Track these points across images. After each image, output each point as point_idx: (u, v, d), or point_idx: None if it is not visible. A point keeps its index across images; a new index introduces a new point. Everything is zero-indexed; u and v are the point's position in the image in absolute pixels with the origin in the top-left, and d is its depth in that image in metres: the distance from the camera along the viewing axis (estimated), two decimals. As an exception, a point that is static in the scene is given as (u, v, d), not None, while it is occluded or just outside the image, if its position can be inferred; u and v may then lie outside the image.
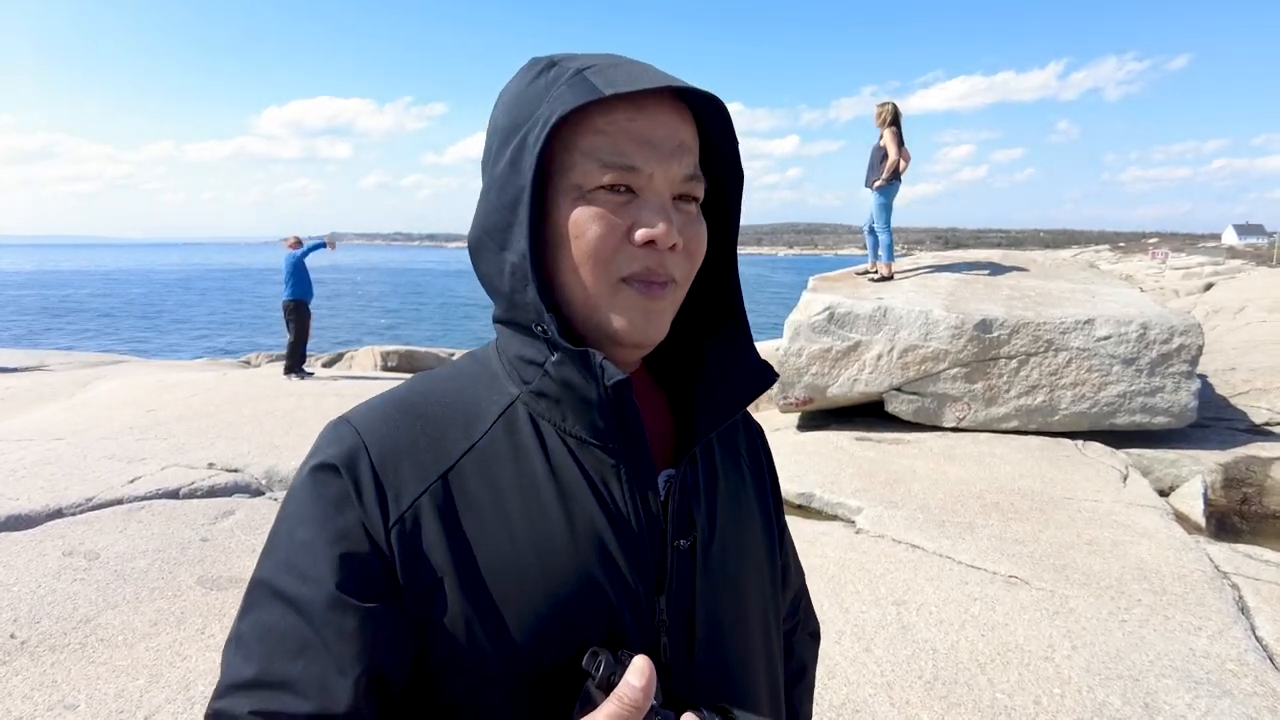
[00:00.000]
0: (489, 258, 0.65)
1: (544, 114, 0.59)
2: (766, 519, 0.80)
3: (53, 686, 2.60)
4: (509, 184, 0.61)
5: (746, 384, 0.71)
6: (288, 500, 0.62)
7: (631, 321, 0.62)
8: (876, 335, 6.05)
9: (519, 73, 0.65)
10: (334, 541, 0.58)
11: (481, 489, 0.62)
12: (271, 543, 0.61)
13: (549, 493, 0.63)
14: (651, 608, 0.64)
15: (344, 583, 0.57)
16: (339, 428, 0.64)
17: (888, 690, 2.60)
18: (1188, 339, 5.57)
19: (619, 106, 0.59)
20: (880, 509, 4.28)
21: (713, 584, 0.69)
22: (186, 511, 4.18)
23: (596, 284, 0.61)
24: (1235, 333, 9.35)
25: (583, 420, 0.64)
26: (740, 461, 0.80)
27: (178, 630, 2.99)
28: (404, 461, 0.61)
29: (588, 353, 0.60)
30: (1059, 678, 2.65)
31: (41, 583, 3.32)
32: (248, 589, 0.61)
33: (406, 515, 0.59)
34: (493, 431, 0.64)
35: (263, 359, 14.78)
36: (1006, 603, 3.19)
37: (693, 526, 0.68)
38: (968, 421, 5.89)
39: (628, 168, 0.59)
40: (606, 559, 0.63)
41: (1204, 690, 2.57)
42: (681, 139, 0.62)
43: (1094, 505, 4.32)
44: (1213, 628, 2.97)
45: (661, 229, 0.60)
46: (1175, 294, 14.94)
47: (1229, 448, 5.40)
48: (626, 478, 0.64)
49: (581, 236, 0.60)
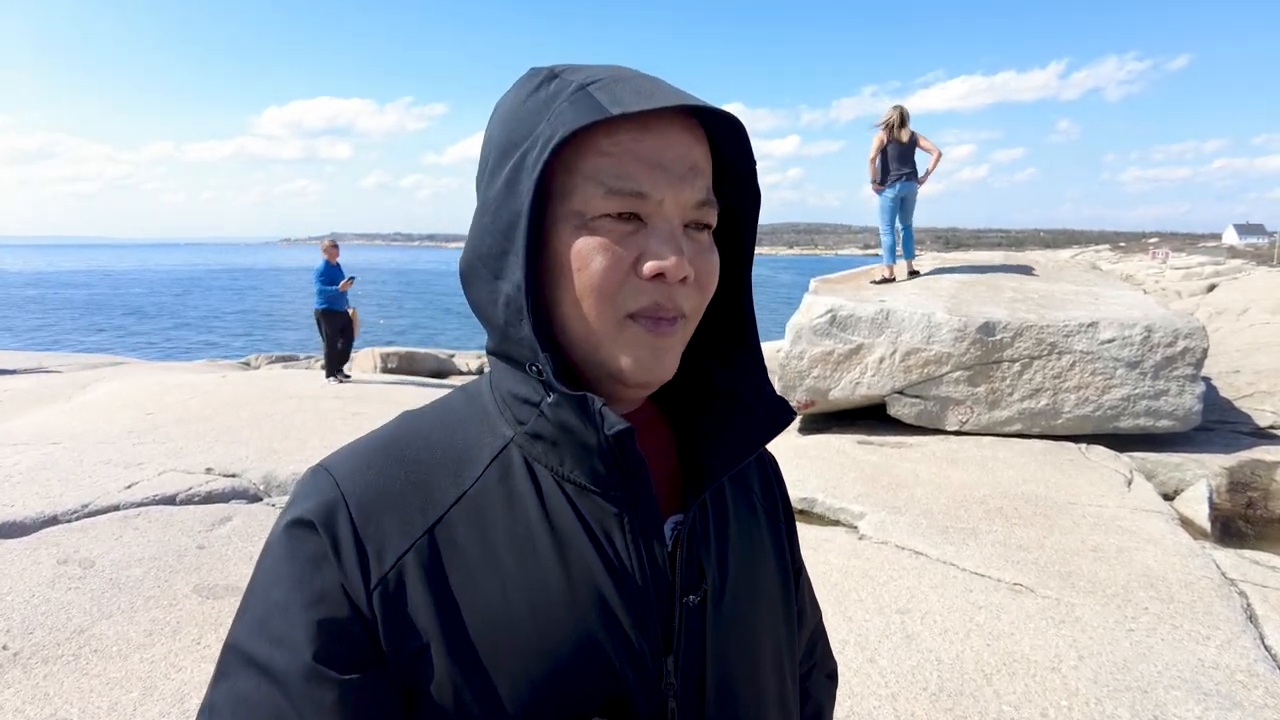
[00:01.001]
0: (481, 286, 0.60)
1: (544, 133, 0.54)
2: (781, 560, 0.75)
3: (45, 700, 2.57)
4: (504, 207, 0.56)
5: (761, 423, 0.65)
6: (263, 555, 0.58)
7: (638, 361, 0.57)
8: (879, 338, 6.02)
9: (517, 84, 0.60)
10: (311, 605, 0.54)
11: (472, 542, 0.57)
12: (246, 602, 0.57)
13: (545, 545, 0.58)
14: (658, 669, 0.59)
15: (322, 651, 0.53)
16: (317, 477, 0.59)
17: (892, 702, 2.57)
18: (1192, 341, 5.53)
19: (625, 126, 0.54)
20: (883, 514, 4.24)
21: (725, 640, 0.64)
22: (184, 518, 4.15)
23: (600, 320, 0.56)
24: (1239, 334, 9.32)
25: (582, 466, 0.59)
26: (753, 498, 0.74)
27: (173, 641, 2.96)
28: (387, 515, 0.56)
29: (586, 398, 0.55)
30: (1066, 689, 2.62)
31: (35, 592, 3.28)
32: (222, 652, 0.56)
33: (390, 575, 0.55)
34: (485, 478, 0.59)
35: (263, 360, 14.75)
36: (1012, 611, 3.15)
37: (702, 578, 0.63)
38: (970, 425, 5.85)
39: (635, 194, 0.54)
40: (608, 617, 0.58)
41: (1214, 702, 2.53)
42: (694, 161, 0.57)
43: (1098, 510, 4.28)
44: (1221, 637, 2.94)
45: (672, 261, 0.54)
46: (1177, 295, 14.91)
47: (1233, 451, 5.36)
48: (630, 527, 0.59)
49: (584, 269, 0.55)
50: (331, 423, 6.19)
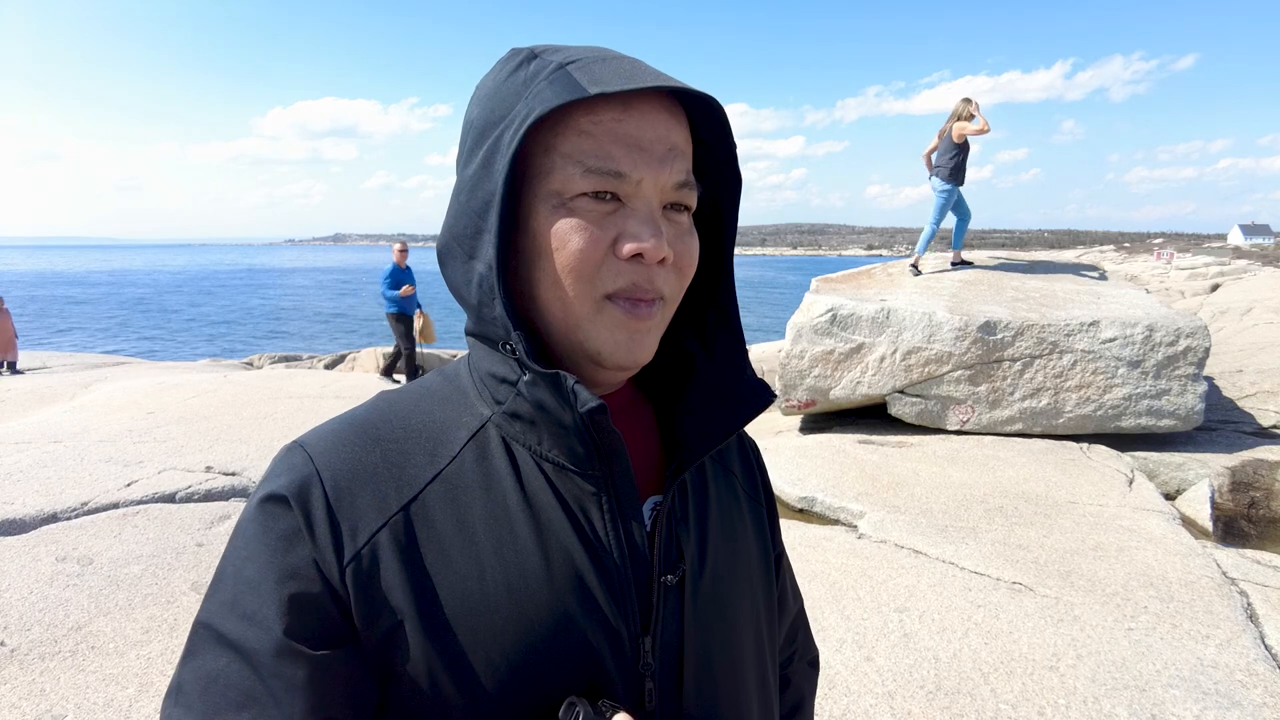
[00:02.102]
0: (457, 266, 0.60)
1: (521, 112, 0.53)
2: (762, 544, 0.75)
3: (41, 696, 2.57)
4: (479, 187, 0.56)
5: (741, 405, 0.65)
6: (236, 533, 0.57)
7: (615, 343, 0.57)
8: (879, 337, 6.00)
9: (497, 64, 0.59)
10: (282, 581, 0.53)
11: (448, 521, 0.57)
12: (217, 579, 0.56)
13: (523, 524, 0.57)
14: (636, 650, 0.59)
15: (293, 628, 0.52)
16: (291, 454, 0.58)
17: (889, 700, 2.56)
18: (1194, 341, 5.51)
19: (605, 106, 0.54)
20: (883, 513, 4.23)
21: (703, 621, 0.63)
22: (182, 516, 4.15)
23: (578, 301, 0.56)
24: (1242, 334, 9.28)
25: (560, 445, 0.58)
26: (734, 482, 0.74)
27: (170, 638, 2.96)
28: (362, 491, 0.56)
29: (558, 376, 0.55)
30: (1064, 688, 2.60)
31: (34, 589, 3.28)
32: (192, 630, 0.56)
33: (364, 551, 0.54)
34: (461, 456, 0.59)
35: (265, 360, 14.78)
36: (1010, 610, 3.14)
37: (681, 559, 0.63)
38: (971, 424, 5.84)
39: (613, 173, 0.54)
40: (586, 597, 0.57)
41: (1212, 701, 2.52)
42: (674, 142, 0.56)
43: (1099, 509, 4.27)
44: (1221, 636, 2.92)
45: (650, 242, 0.54)
46: (1181, 295, 14.86)
47: (1236, 451, 5.34)
48: (608, 507, 0.59)
49: (562, 249, 0.54)
50: (332, 422, 6.20)
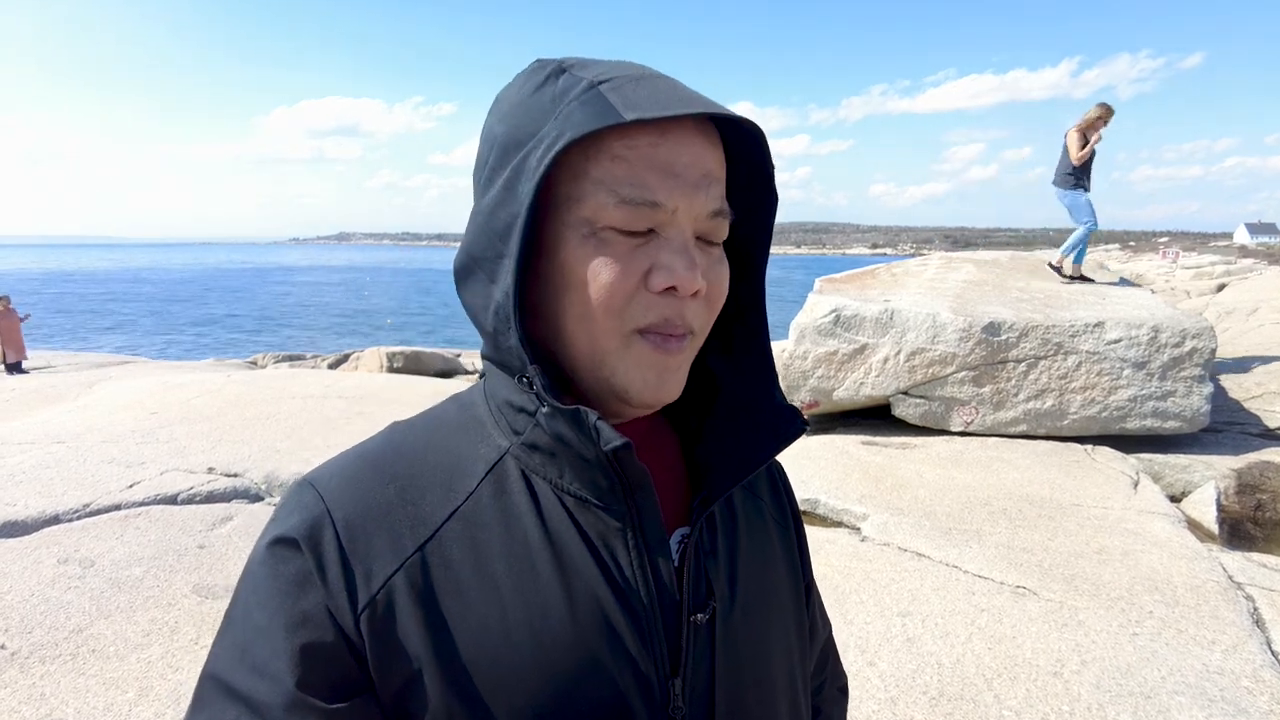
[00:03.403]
0: (476, 289, 0.57)
1: (550, 134, 0.50)
2: (792, 573, 0.71)
3: (41, 699, 2.56)
4: (502, 209, 0.53)
5: (771, 433, 0.61)
6: (244, 576, 0.54)
7: (644, 380, 0.54)
8: (883, 338, 5.98)
9: (521, 76, 0.56)
10: (293, 629, 0.50)
11: (466, 561, 0.54)
12: (226, 626, 0.54)
13: (545, 562, 0.55)
14: (665, 693, 0.56)
15: (305, 679, 0.50)
16: (301, 492, 0.56)
17: (891, 706, 2.54)
18: (1200, 342, 5.47)
19: (640, 130, 0.51)
20: (886, 516, 4.21)
21: (734, 660, 0.60)
22: (184, 517, 4.15)
23: (606, 336, 0.53)
24: (1248, 335, 9.23)
25: (581, 479, 0.55)
26: (763, 508, 0.70)
27: (170, 641, 2.95)
28: (376, 532, 0.53)
29: (579, 412, 0.52)
30: (1068, 694, 2.58)
31: (35, 591, 3.28)
32: (200, 681, 0.53)
33: (379, 597, 0.52)
34: (479, 491, 0.56)
35: (269, 359, 14.81)
36: (1014, 614, 3.12)
37: (711, 595, 0.60)
38: (975, 426, 5.81)
39: (649, 203, 0.51)
40: (612, 638, 0.55)
41: (1218, 709, 2.49)
42: (709, 168, 0.53)
43: (1104, 512, 4.24)
44: (1227, 642, 2.90)
45: (685, 275, 0.52)
46: (1186, 294, 14.80)
47: (1242, 453, 5.30)
48: (634, 543, 0.56)
49: (592, 281, 0.52)
50: (335, 423, 6.19)
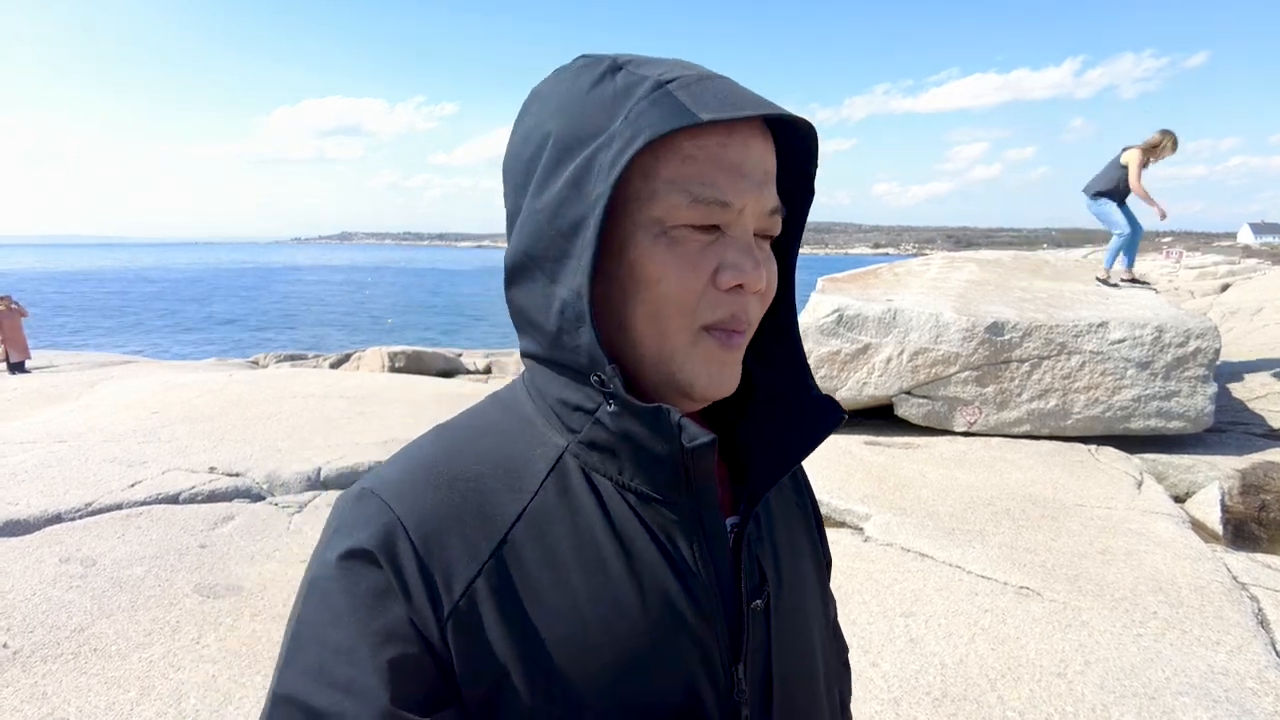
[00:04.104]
0: (533, 288, 0.56)
1: (623, 132, 0.50)
2: (815, 555, 0.74)
3: (43, 699, 2.56)
4: (566, 207, 0.52)
5: (812, 423, 0.62)
6: (308, 594, 0.53)
7: (709, 375, 0.56)
8: (886, 338, 5.97)
9: (573, 72, 0.56)
10: (380, 645, 0.49)
11: (538, 560, 0.54)
12: (294, 646, 0.51)
13: (613, 557, 0.55)
14: (731, 679, 0.57)
15: (398, 695, 0.48)
16: (365, 503, 0.54)
17: (894, 706, 2.53)
18: (1204, 342, 5.46)
19: (711, 131, 0.51)
20: (889, 516, 4.20)
21: (786, 644, 0.63)
22: (186, 517, 4.15)
23: (676, 334, 0.54)
24: (1252, 335, 9.20)
25: (643, 474, 0.56)
26: (786, 494, 0.72)
27: (172, 640, 2.95)
28: (450, 538, 0.52)
29: (660, 410, 0.52)
30: (1071, 695, 2.57)
31: (37, 590, 3.28)
32: (270, 706, 0.51)
33: (461, 604, 0.51)
34: (544, 490, 0.56)
35: (271, 359, 14.81)
36: (1017, 615, 3.11)
37: (765, 583, 0.62)
38: (979, 426, 5.79)
39: (720, 203, 0.51)
40: (683, 629, 0.56)
41: (1223, 709, 2.48)
42: (768, 167, 0.55)
43: (1107, 512, 4.23)
44: (1231, 642, 2.88)
45: (752, 273, 0.53)
46: (1190, 294, 14.76)
47: (1246, 453, 5.29)
48: (696, 535, 0.57)
49: (664, 279, 0.52)
50: (336, 422, 6.19)
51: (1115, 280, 7.08)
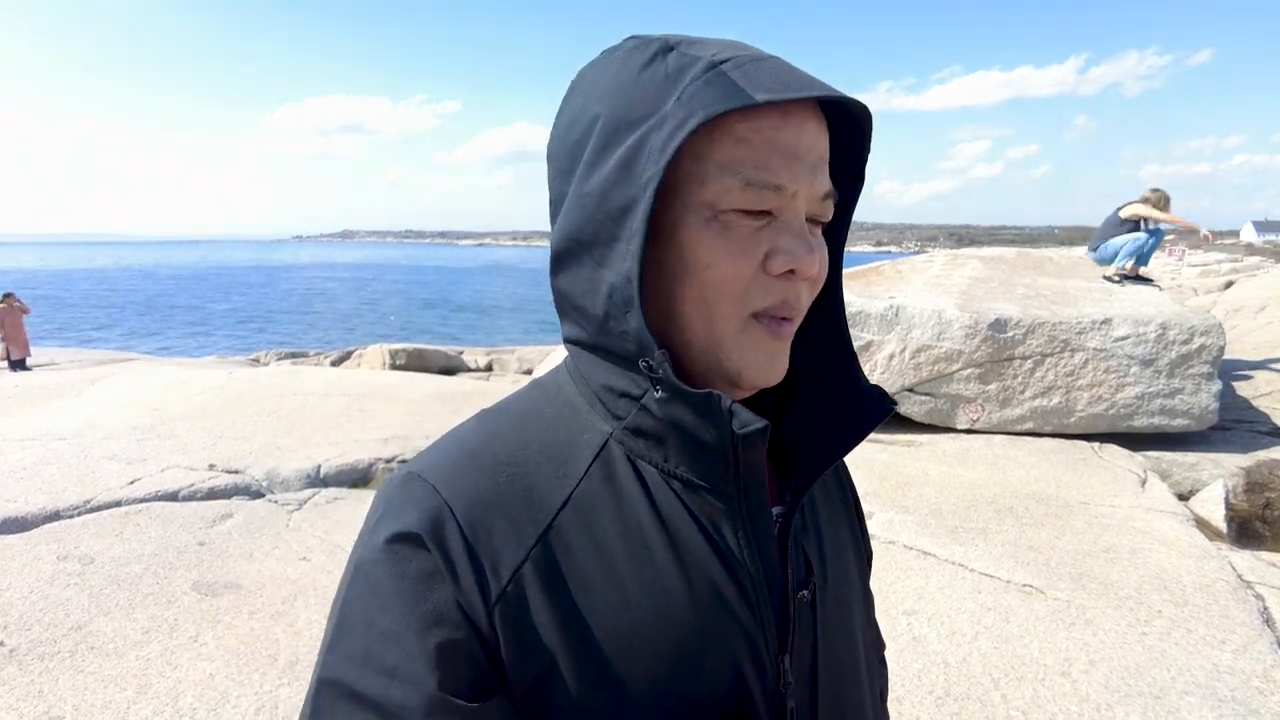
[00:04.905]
0: (580, 272, 0.55)
1: (676, 114, 0.49)
2: (857, 547, 0.73)
3: (39, 697, 2.55)
4: (616, 190, 0.51)
5: (859, 414, 0.61)
6: (355, 578, 0.52)
7: (757, 363, 0.55)
8: (888, 335, 5.94)
9: (624, 53, 0.54)
10: (427, 629, 0.48)
11: (585, 546, 0.53)
12: (340, 630, 0.51)
13: (659, 545, 0.54)
14: (777, 669, 0.57)
15: (446, 680, 0.47)
16: (411, 486, 0.53)
17: (897, 705, 2.51)
18: (1208, 339, 5.43)
19: (764, 113, 0.50)
20: (892, 514, 4.18)
21: (831, 635, 0.62)
22: (185, 514, 4.13)
23: (725, 320, 0.53)
24: (1257, 332, 9.16)
25: (689, 461, 0.55)
26: (829, 486, 0.71)
27: (170, 638, 2.93)
28: (497, 523, 0.52)
29: (711, 396, 0.51)
30: (1076, 694, 2.55)
31: (35, 588, 3.27)
32: (315, 691, 0.50)
33: (509, 589, 0.50)
34: (589, 476, 0.55)
35: (272, 357, 14.81)
36: (1021, 613, 3.08)
37: (810, 573, 0.61)
38: (981, 423, 5.77)
39: (774, 187, 0.50)
40: (729, 617, 0.55)
41: (1229, 709, 2.46)
42: (822, 151, 0.53)
43: (1111, 510, 4.20)
44: (1237, 641, 2.86)
45: (805, 259, 0.52)
46: (1194, 292, 14.71)
47: (1251, 451, 5.26)
48: (743, 524, 0.56)
49: (714, 265, 0.51)
50: (336, 419, 6.17)
51: (1117, 277, 7.08)
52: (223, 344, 25.01)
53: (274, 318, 38.87)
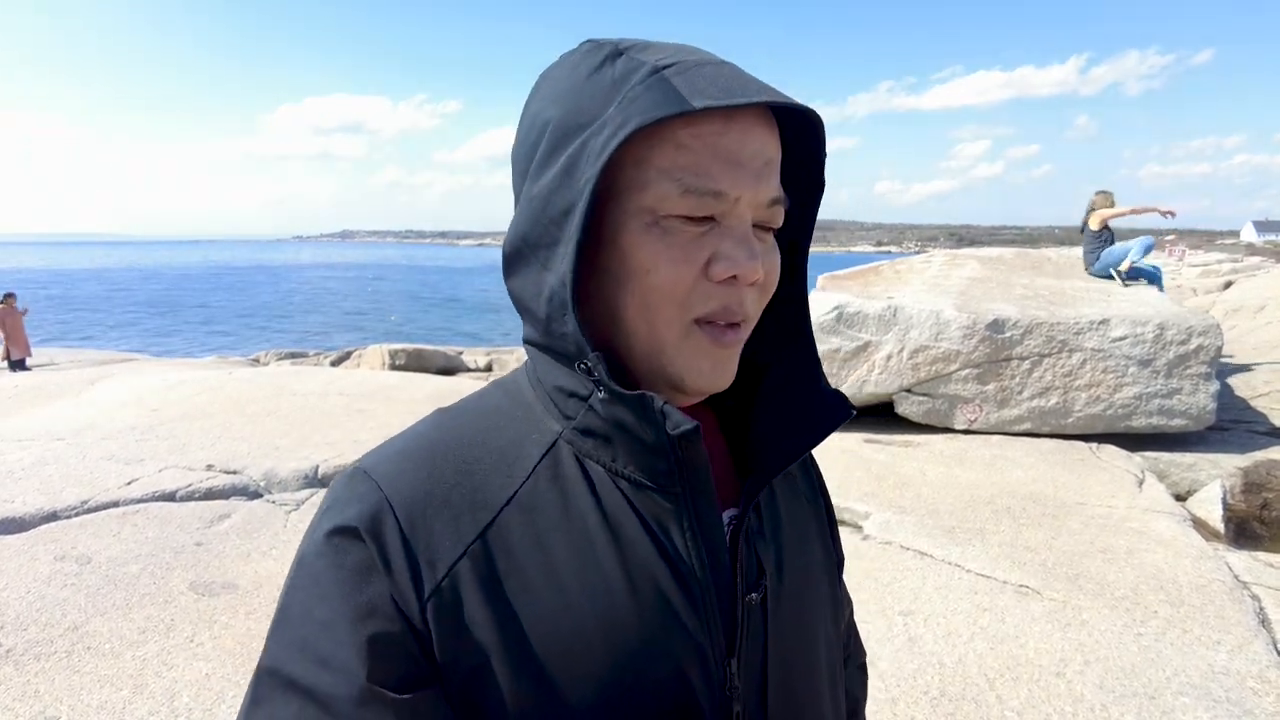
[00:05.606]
0: (527, 274, 0.56)
1: (614, 119, 0.49)
2: (826, 551, 0.72)
3: (35, 697, 2.55)
4: (558, 194, 0.52)
5: (817, 417, 0.61)
6: (298, 570, 0.53)
7: (699, 370, 0.55)
8: (886, 335, 5.94)
9: (575, 57, 0.55)
10: (360, 620, 0.49)
11: (528, 545, 0.53)
12: (281, 621, 0.52)
13: (604, 545, 0.54)
14: (723, 673, 0.56)
15: (375, 671, 0.48)
16: (355, 481, 0.54)
17: (892, 706, 2.51)
18: (1206, 339, 5.43)
19: (706, 118, 0.50)
20: (889, 514, 4.18)
21: (784, 639, 0.61)
22: (182, 515, 4.13)
23: (667, 327, 0.53)
24: (1255, 333, 9.16)
25: (637, 462, 0.55)
26: (797, 487, 0.71)
27: (166, 638, 2.94)
28: (437, 519, 0.52)
29: (644, 397, 0.51)
30: (1071, 695, 2.55)
31: (31, 588, 3.27)
32: (255, 678, 0.52)
33: (444, 584, 0.51)
34: (536, 475, 0.56)
35: (272, 357, 14.81)
36: (1017, 614, 3.08)
37: (762, 575, 0.60)
38: (979, 424, 5.77)
39: (713, 193, 0.50)
40: (673, 618, 0.54)
41: (1223, 709, 2.46)
42: (769, 156, 0.53)
43: (1108, 511, 4.20)
44: (1232, 641, 2.86)
45: (747, 265, 0.51)
46: (1193, 292, 14.71)
47: (1249, 451, 5.26)
48: (689, 525, 0.56)
49: (654, 270, 0.51)
50: (335, 419, 6.17)
51: (1123, 277, 7.19)
52: (223, 344, 25.02)
53: (274, 318, 38.92)
